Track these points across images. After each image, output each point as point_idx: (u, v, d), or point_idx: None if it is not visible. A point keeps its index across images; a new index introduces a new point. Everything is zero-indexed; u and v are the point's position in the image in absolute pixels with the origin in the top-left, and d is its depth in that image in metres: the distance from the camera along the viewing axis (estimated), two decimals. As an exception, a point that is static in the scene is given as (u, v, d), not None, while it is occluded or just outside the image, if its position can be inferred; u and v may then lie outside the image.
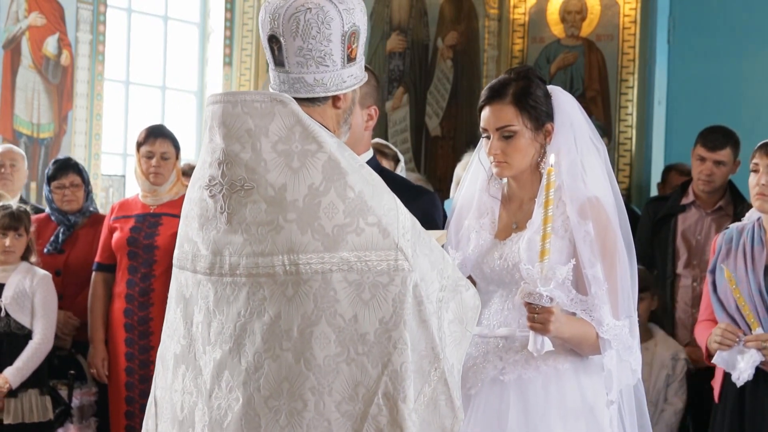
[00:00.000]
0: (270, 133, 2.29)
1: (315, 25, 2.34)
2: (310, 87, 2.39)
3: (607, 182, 2.91)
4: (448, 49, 7.61)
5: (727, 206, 5.17)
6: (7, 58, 6.00)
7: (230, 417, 2.30)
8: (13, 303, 4.67)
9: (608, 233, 2.83)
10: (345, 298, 2.26)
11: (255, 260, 2.28)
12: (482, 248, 2.90)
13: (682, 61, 7.06)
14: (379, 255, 2.28)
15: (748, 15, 6.84)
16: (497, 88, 2.87)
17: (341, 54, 2.39)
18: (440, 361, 2.34)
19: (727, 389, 3.83)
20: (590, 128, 2.94)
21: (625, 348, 2.81)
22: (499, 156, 2.85)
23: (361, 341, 2.26)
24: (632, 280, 2.88)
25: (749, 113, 6.72)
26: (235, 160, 2.29)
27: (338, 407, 2.26)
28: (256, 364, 2.28)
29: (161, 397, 2.49)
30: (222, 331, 2.32)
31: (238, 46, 7.44)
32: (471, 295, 2.47)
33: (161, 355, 2.51)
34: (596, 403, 2.84)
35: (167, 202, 4.94)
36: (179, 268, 2.45)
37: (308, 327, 2.25)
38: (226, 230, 2.31)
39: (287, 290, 2.26)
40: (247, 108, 2.31)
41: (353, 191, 2.28)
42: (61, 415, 4.83)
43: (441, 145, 7.65)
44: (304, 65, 2.37)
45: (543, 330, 2.69)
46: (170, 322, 2.49)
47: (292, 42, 2.35)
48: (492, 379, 2.83)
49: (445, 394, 2.35)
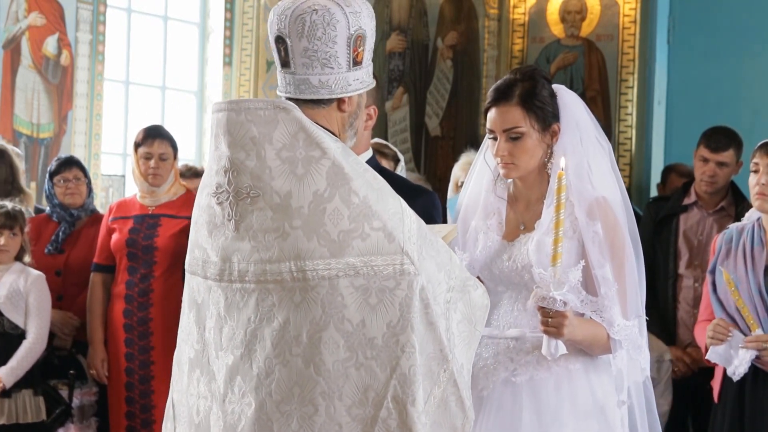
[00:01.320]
0: (274, 141, 2.30)
1: (321, 27, 2.36)
2: (314, 88, 2.40)
3: (614, 181, 2.90)
4: (448, 49, 7.60)
5: (729, 207, 5.16)
6: (7, 58, 5.99)
7: (244, 422, 2.32)
8: (6, 303, 4.66)
9: (617, 233, 2.82)
10: (352, 303, 2.27)
11: (263, 267, 2.29)
12: (490, 249, 2.90)
13: (682, 61, 7.06)
14: (385, 259, 2.29)
15: (748, 15, 6.84)
16: (503, 89, 2.86)
17: (347, 57, 2.40)
18: (449, 362, 2.35)
19: (727, 389, 3.83)
20: (595, 127, 2.94)
21: (635, 347, 2.81)
22: (507, 157, 2.84)
23: (369, 345, 2.27)
24: (640, 279, 2.88)
25: (749, 113, 6.71)
26: (240, 167, 2.31)
27: (349, 411, 2.28)
28: (267, 370, 2.29)
29: (178, 401, 2.51)
30: (233, 336, 2.34)
31: (238, 46, 7.43)
32: (479, 294, 2.48)
33: (177, 360, 2.53)
34: (607, 402, 2.84)
35: (165, 202, 4.94)
36: (191, 274, 2.47)
37: (317, 332, 2.27)
38: (234, 237, 2.32)
39: (295, 296, 2.28)
40: (251, 116, 2.32)
41: (358, 197, 2.29)
42: (62, 415, 4.82)
43: (441, 145, 7.65)
44: (309, 66, 2.38)
45: (557, 334, 2.68)
46: (184, 327, 2.51)
47: (298, 43, 2.37)
48: (504, 381, 2.82)
49: (455, 395, 2.36)
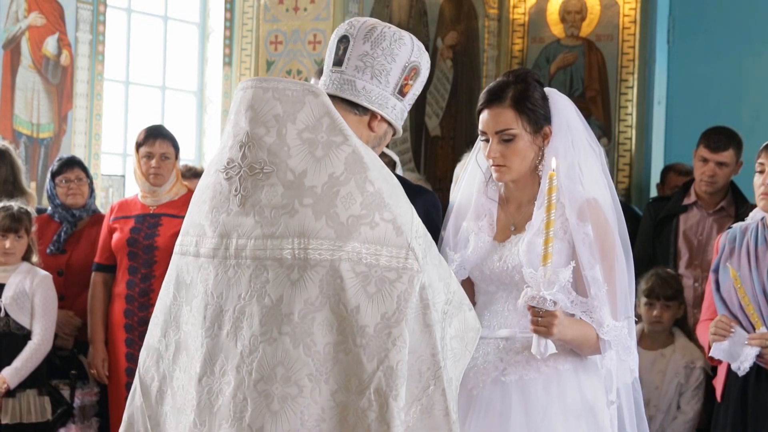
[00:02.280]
0: (297, 121, 2.33)
1: (388, 39, 2.44)
2: (356, 92, 2.44)
3: (605, 183, 2.91)
4: (448, 49, 7.60)
5: (728, 207, 5.16)
6: (7, 58, 5.98)
7: (221, 401, 2.30)
8: (12, 303, 4.66)
9: (607, 235, 2.83)
10: (351, 287, 2.26)
11: (264, 242, 2.29)
12: (481, 250, 2.90)
13: (682, 61, 7.07)
14: (390, 251, 2.29)
15: (748, 15, 6.85)
16: (496, 92, 2.86)
17: (397, 80, 2.46)
18: (440, 369, 2.33)
19: (730, 388, 3.83)
20: (586, 130, 2.95)
21: (623, 348, 2.82)
22: (499, 159, 2.85)
23: (360, 333, 2.26)
24: (630, 280, 2.89)
25: (749, 113, 6.72)
26: (258, 143, 2.33)
27: (333, 396, 2.27)
28: (251, 348, 2.28)
29: (165, 383, 2.47)
30: (219, 314, 2.33)
31: (238, 46, 7.42)
32: (473, 316, 2.50)
33: (149, 345, 2.51)
34: (596, 402, 2.85)
35: (167, 202, 4.93)
36: (181, 254, 2.46)
37: (310, 313, 2.26)
38: (237, 212, 2.33)
39: (292, 274, 2.27)
40: (278, 94, 2.35)
41: (373, 186, 2.30)
42: (63, 415, 4.82)
43: (441, 145, 7.65)
44: (361, 71, 2.43)
45: (547, 333, 2.70)
46: (164, 307, 2.48)
47: (361, 45, 2.43)
48: (493, 380, 2.83)
49: (442, 405, 2.33)
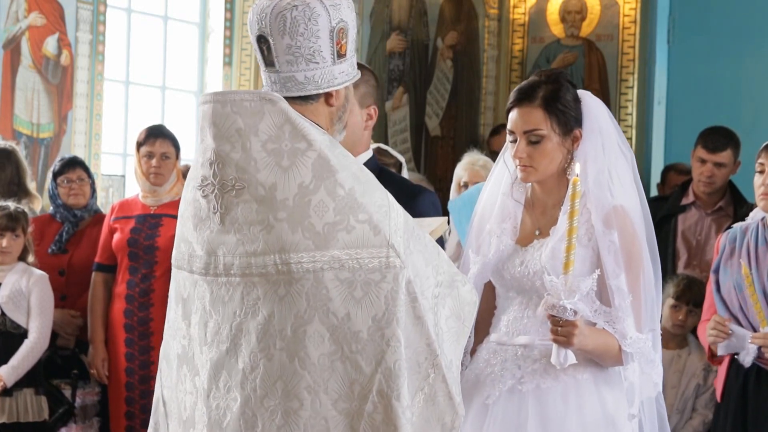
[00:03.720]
0: (260, 132, 2.28)
1: (302, 22, 2.34)
2: (301, 85, 2.37)
3: (635, 190, 2.82)
4: (448, 49, 7.60)
5: (727, 206, 5.16)
6: (7, 58, 5.99)
7: (229, 417, 2.30)
8: (9, 302, 4.67)
9: (634, 244, 2.74)
10: (337, 296, 2.25)
11: (248, 260, 2.27)
12: (503, 253, 2.83)
13: (682, 61, 7.07)
14: (371, 252, 2.27)
15: (748, 15, 6.84)
16: (526, 90, 2.78)
17: (330, 50, 2.37)
18: (437, 357, 2.32)
19: (730, 388, 3.83)
20: (618, 134, 2.86)
21: (647, 362, 2.74)
22: (525, 160, 2.76)
23: (355, 339, 2.25)
24: (657, 292, 2.80)
25: (749, 113, 6.72)
26: (225, 160, 2.29)
27: (335, 405, 2.26)
28: (252, 364, 2.28)
29: (169, 397, 2.50)
30: (218, 331, 2.33)
31: (238, 46, 7.43)
32: (468, 290, 2.45)
33: (165, 355, 2.52)
34: (617, 415, 2.76)
35: (168, 202, 4.93)
36: (177, 268, 2.45)
37: (301, 326, 2.25)
38: (219, 230, 2.31)
39: (279, 289, 2.26)
40: (237, 107, 2.30)
41: (343, 189, 2.27)
42: (64, 414, 4.82)
43: (441, 145, 7.65)
44: (294, 63, 2.36)
45: (567, 343, 2.62)
46: (171, 322, 2.49)
47: (281, 40, 2.35)
48: (510, 389, 2.76)
49: (444, 390, 2.33)
